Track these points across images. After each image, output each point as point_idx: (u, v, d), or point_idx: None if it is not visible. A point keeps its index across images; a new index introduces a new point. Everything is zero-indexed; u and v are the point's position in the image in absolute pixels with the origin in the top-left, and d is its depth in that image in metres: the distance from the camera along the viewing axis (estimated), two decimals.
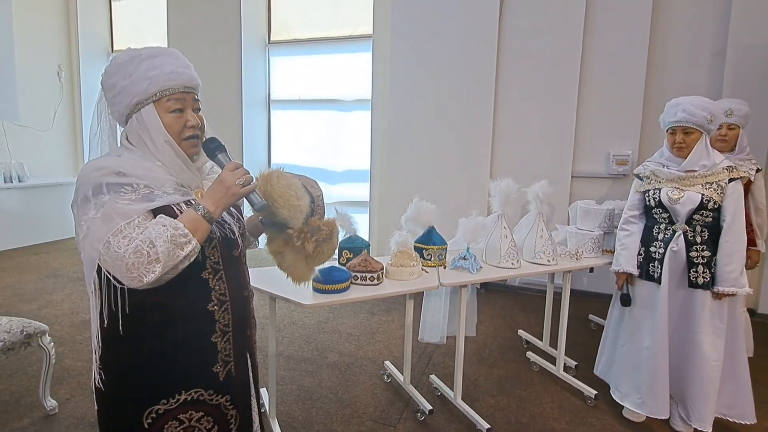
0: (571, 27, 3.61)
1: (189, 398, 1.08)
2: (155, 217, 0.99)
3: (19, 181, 5.28)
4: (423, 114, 4.07)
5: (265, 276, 2.01)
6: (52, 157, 5.81)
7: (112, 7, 6.08)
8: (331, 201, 4.84)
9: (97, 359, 1.06)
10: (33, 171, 5.50)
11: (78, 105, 5.99)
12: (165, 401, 1.05)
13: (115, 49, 6.17)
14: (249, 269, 1.29)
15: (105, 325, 1.04)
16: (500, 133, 3.91)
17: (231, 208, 1.19)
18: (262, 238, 1.35)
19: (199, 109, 1.12)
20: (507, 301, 3.76)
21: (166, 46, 5.16)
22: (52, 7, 5.71)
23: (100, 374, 1.06)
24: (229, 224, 1.15)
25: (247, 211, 1.28)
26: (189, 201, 1.07)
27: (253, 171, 1.21)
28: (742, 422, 2.10)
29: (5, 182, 5.16)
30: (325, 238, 1.21)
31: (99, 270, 0.97)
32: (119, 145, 1.10)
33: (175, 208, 1.03)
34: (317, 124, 5.09)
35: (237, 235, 1.17)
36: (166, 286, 0.98)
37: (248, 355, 1.21)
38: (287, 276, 1.26)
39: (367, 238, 4.47)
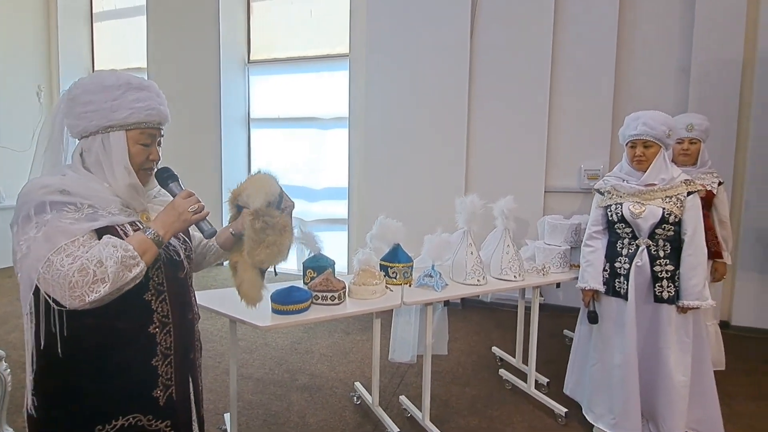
0: (540, 45, 3.68)
1: (126, 424, 1.05)
2: (99, 238, 0.99)
3: None
4: (398, 131, 4.10)
5: (224, 298, 1.97)
6: (30, 178, 5.73)
7: (94, 28, 6.11)
8: (310, 219, 4.82)
9: (31, 384, 1.03)
10: (10, 192, 5.42)
11: None
12: (101, 427, 1.03)
13: (96, 69, 6.18)
14: (212, 290, 1.28)
15: (42, 348, 1.00)
16: (474, 149, 3.94)
17: None
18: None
19: (161, 143, 1.16)
20: (483, 318, 3.73)
21: (146, 65, 5.25)
22: (32, 27, 5.72)
23: (33, 400, 1.03)
24: (174, 246, 1.16)
25: (225, 221, 1.34)
26: (134, 222, 1.08)
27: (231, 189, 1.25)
28: None
29: None
30: (275, 225, 1.18)
31: (37, 291, 0.95)
32: (70, 161, 1.09)
33: (119, 229, 1.03)
34: (296, 142, 5.10)
35: (182, 257, 1.18)
36: (106, 307, 0.96)
37: (191, 379, 1.19)
38: (241, 298, 1.26)
39: (345, 256, 4.50)
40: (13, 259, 0.98)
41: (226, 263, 1.38)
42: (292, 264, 2.14)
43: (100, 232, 0.99)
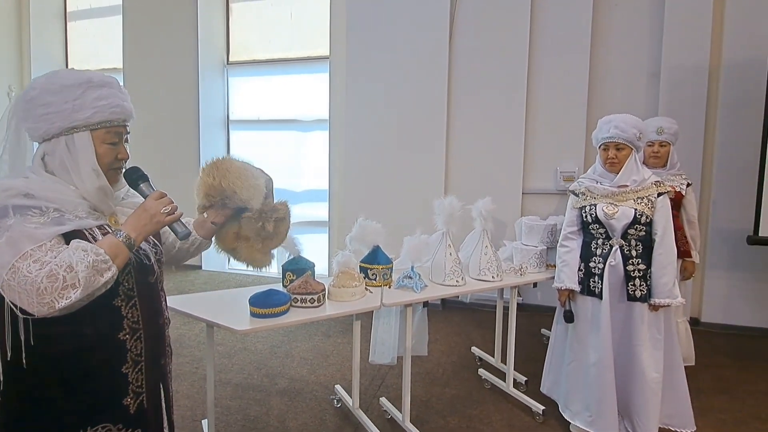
0: (517, 50, 3.75)
1: None
2: (66, 242, 0.95)
3: None
4: (378, 134, 4.11)
5: (201, 302, 1.95)
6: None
7: (68, 26, 5.95)
8: (291, 221, 4.78)
9: None
10: None
11: None
12: None
13: (70, 69, 6.02)
14: (188, 294, 1.26)
15: (8, 359, 0.97)
16: (453, 152, 3.98)
17: None
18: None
19: (128, 140, 1.12)
20: (464, 318, 3.76)
21: (122, 66, 5.14)
22: (3, 26, 5.54)
23: None
24: (144, 250, 1.13)
25: (194, 214, 1.34)
26: (102, 226, 1.04)
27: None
28: (683, 430, 2.15)
29: None
30: (282, 217, 1.29)
31: (0, 300, 0.92)
32: (31, 164, 1.05)
33: (87, 233, 0.99)
34: (276, 144, 5.06)
35: (153, 261, 1.15)
36: (74, 314, 0.93)
37: (162, 386, 1.18)
38: (247, 265, 1.32)
39: (326, 258, 4.48)
40: None
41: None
42: (272, 267, 2.13)
43: (67, 237, 0.96)
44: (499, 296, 2.76)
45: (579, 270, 2.17)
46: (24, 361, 0.96)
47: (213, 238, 1.32)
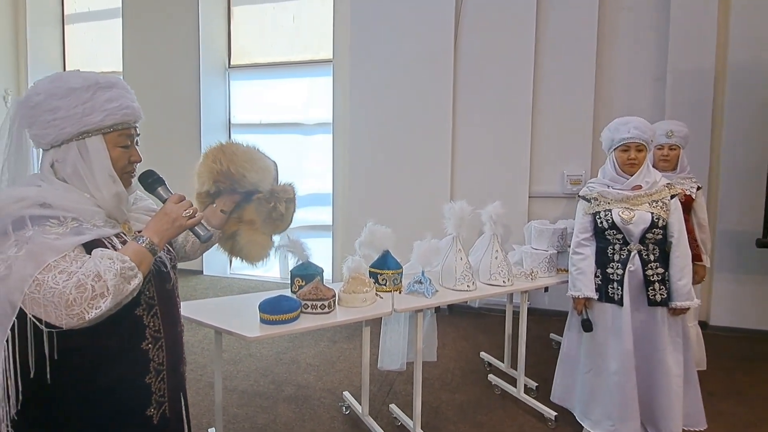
0: (522, 53, 3.73)
1: None
2: (87, 252, 0.93)
3: None
4: (383, 137, 4.09)
5: (208, 308, 1.92)
6: None
7: (65, 30, 5.91)
8: (294, 225, 4.75)
9: (9, 419, 0.93)
10: None
11: None
12: None
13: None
14: (194, 301, 1.25)
15: (30, 377, 0.92)
16: (459, 155, 3.96)
17: None
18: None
19: (138, 143, 1.10)
20: (471, 323, 3.73)
21: (121, 70, 5.10)
22: (0, 30, 5.50)
23: None
24: (160, 258, 1.10)
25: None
26: (119, 234, 1.02)
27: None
28: (696, 429, 2.14)
29: None
30: (291, 197, 1.30)
31: (19, 316, 0.87)
32: (36, 172, 1.02)
33: (106, 242, 0.97)
34: (279, 147, 5.02)
35: (169, 268, 1.13)
36: (97, 326, 0.90)
37: (181, 394, 1.17)
38: (242, 259, 1.31)
39: (330, 263, 4.44)
40: None
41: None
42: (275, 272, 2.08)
43: (87, 247, 0.93)
44: (509, 301, 2.73)
45: (595, 276, 2.13)
46: (48, 376, 0.92)
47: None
